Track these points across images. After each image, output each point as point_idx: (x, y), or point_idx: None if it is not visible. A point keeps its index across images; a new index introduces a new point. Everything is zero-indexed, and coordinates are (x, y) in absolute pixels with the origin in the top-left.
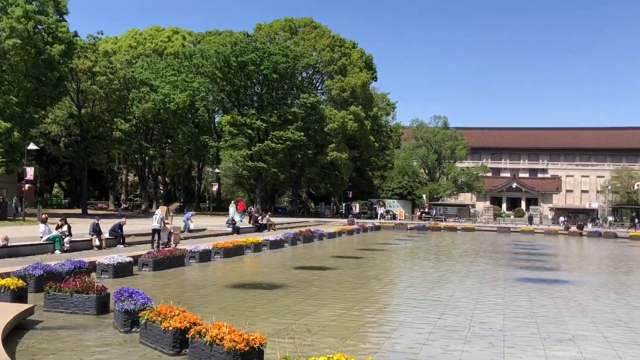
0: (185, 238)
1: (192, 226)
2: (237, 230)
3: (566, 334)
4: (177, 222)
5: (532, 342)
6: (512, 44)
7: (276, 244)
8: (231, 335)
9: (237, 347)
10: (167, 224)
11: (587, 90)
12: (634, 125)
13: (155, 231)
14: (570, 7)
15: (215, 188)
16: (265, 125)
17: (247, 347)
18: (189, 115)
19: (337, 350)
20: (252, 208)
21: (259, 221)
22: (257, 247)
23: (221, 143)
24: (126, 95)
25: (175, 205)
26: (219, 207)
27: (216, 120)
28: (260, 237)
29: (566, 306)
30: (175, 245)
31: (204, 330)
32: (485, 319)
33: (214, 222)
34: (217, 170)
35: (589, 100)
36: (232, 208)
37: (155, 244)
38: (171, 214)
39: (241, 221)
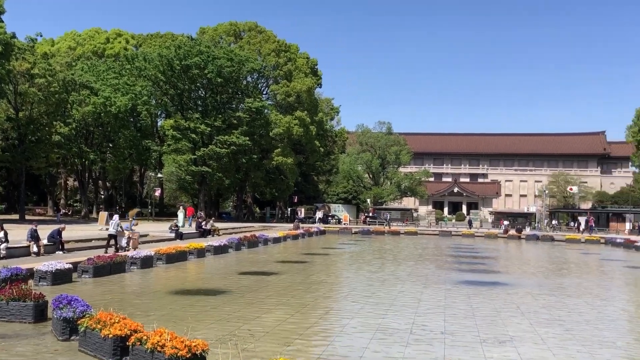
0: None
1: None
2: (180, 236)
3: (505, 335)
4: (146, 227)
5: (471, 344)
6: (452, 51)
7: (220, 250)
8: (173, 342)
9: (178, 354)
10: (134, 227)
11: (526, 96)
12: (570, 131)
13: (112, 237)
14: (512, 10)
15: (157, 193)
16: (209, 129)
17: (189, 354)
18: (131, 119)
19: (280, 355)
20: (202, 213)
21: (203, 227)
22: (200, 252)
23: (164, 147)
24: (66, 98)
25: (135, 211)
26: (162, 212)
27: (159, 124)
28: (204, 242)
29: (505, 308)
30: (134, 250)
31: (145, 337)
32: (427, 322)
33: (157, 228)
34: (159, 175)
35: (527, 107)
36: (180, 214)
37: (112, 249)
38: (130, 219)
39: (190, 226)
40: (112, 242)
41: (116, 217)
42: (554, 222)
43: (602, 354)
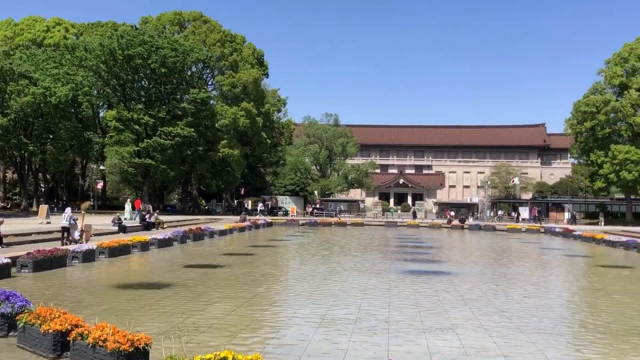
0: None
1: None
2: (123, 229)
3: (446, 323)
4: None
5: (415, 331)
6: (399, 44)
7: (165, 243)
8: (115, 337)
9: (121, 348)
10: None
11: (469, 89)
12: (511, 123)
13: (65, 229)
14: (460, 1)
15: (100, 186)
16: (153, 120)
17: (132, 348)
18: (72, 110)
19: (225, 347)
20: (150, 206)
21: (147, 220)
22: (144, 246)
23: (106, 139)
24: (4, 88)
25: (87, 204)
26: (105, 205)
27: (101, 115)
28: (148, 235)
29: (448, 297)
30: (86, 242)
31: (86, 332)
32: (372, 311)
33: (100, 221)
34: (102, 167)
35: (471, 100)
36: (127, 206)
37: (65, 241)
38: (83, 212)
39: (136, 219)
40: (65, 234)
41: (68, 209)
42: (499, 212)
43: (541, 340)
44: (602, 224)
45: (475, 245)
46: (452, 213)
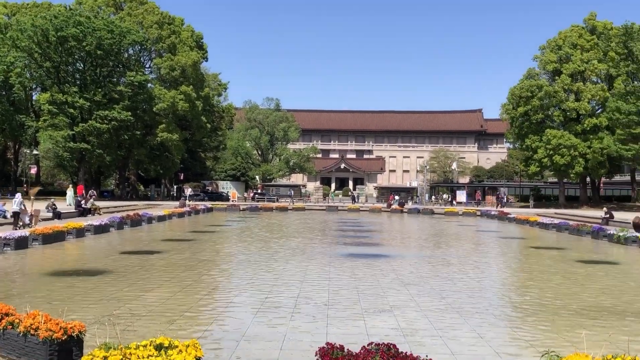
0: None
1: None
2: (58, 216)
3: (385, 305)
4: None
5: (354, 314)
6: (339, 30)
7: (101, 229)
8: (47, 325)
9: (53, 337)
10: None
11: (409, 76)
12: (450, 109)
13: (16, 214)
14: None
15: (33, 171)
16: (88, 104)
17: (65, 336)
18: (3, 92)
19: (162, 334)
20: (93, 191)
21: (83, 205)
22: (79, 232)
23: (40, 123)
24: None
25: (36, 189)
26: (39, 191)
27: (34, 98)
28: (83, 222)
29: (385, 279)
30: (35, 226)
31: (17, 320)
32: (312, 294)
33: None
34: (35, 152)
35: (410, 86)
36: (69, 192)
37: (16, 226)
38: (32, 197)
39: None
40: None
41: (18, 195)
42: (444, 196)
43: (476, 320)
44: (532, 206)
45: (414, 228)
46: (397, 197)
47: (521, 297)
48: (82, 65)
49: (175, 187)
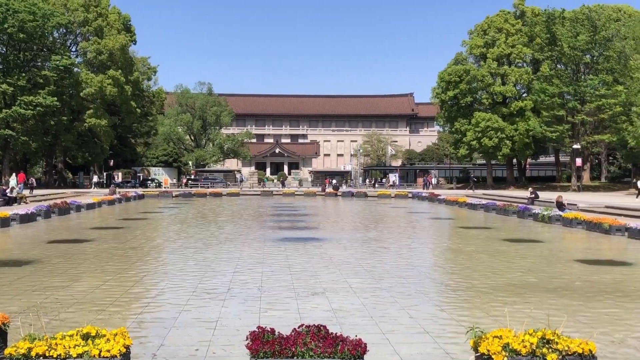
0: None
1: None
2: None
3: (318, 288)
4: None
5: (287, 297)
6: (272, 13)
7: (27, 218)
8: None
9: None
10: None
11: (341, 60)
12: (382, 93)
13: None
14: None
15: None
16: (12, 89)
17: None
18: None
19: (91, 323)
20: (33, 179)
21: (8, 194)
22: (4, 222)
23: None
24: None
25: None
26: None
27: None
28: (8, 211)
29: (320, 262)
30: None
31: None
32: (245, 279)
33: None
34: None
35: (344, 70)
36: (12, 180)
37: None
38: None
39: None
40: None
41: None
42: (383, 180)
43: (406, 300)
44: (454, 188)
45: (347, 211)
46: (334, 181)
47: (450, 276)
48: (3, 49)
49: (105, 174)
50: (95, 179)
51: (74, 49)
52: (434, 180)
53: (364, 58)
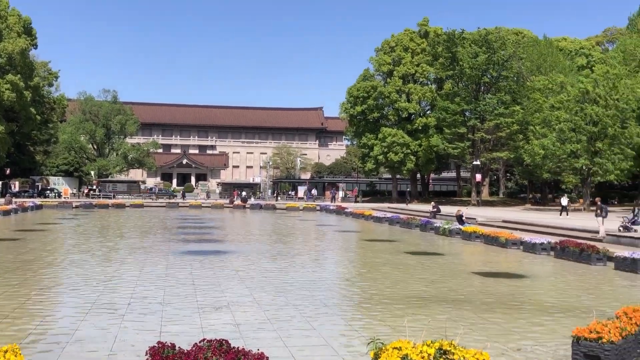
0: None
1: None
2: None
3: (222, 302)
4: None
5: (190, 312)
6: (182, 21)
7: None
8: None
9: None
10: None
11: (253, 73)
12: (292, 106)
13: None
14: None
15: None
16: None
17: None
18: None
19: None
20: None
21: None
22: None
23: None
24: None
25: None
26: None
27: None
28: None
29: (225, 275)
30: None
31: None
32: (147, 294)
33: None
34: None
35: (255, 82)
36: None
37: None
38: None
39: None
40: None
41: None
42: (313, 192)
43: (311, 313)
44: (360, 201)
45: (255, 224)
46: (243, 193)
47: (354, 289)
48: None
49: (0, 183)
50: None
51: None
52: (341, 194)
53: (275, 71)
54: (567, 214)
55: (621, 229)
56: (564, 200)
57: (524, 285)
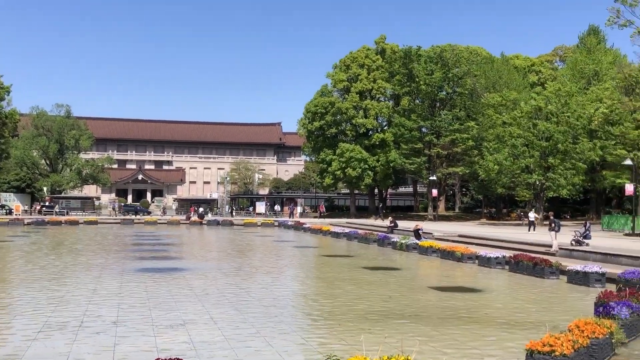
0: None
1: None
2: None
3: (178, 320)
4: None
5: (144, 330)
6: (141, 35)
7: None
8: None
9: None
10: None
11: (210, 87)
12: (251, 122)
13: None
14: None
15: None
16: None
17: None
18: None
19: None
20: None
21: None
22: None
23: None
24: None
25: None
26: None
27: None
28: None
29: (180, 293)
30: None
31: None
32: (100, 312)
33: None
34: None
35: (211, 96)
36: None
37: None
38: None
39: None
40: None
41: None
42: (276, 207)
43: (268, 331)
44: (320, 216)
45: (212, 240)
46: (200, 209)
47: (312, 305)
48: None
49: None
50: None
51: None
52: (299, 209)
53: (233, 86)
54: (534, 229)
55: (573, 242)
56: (532, 215)
57: (479, 299)
